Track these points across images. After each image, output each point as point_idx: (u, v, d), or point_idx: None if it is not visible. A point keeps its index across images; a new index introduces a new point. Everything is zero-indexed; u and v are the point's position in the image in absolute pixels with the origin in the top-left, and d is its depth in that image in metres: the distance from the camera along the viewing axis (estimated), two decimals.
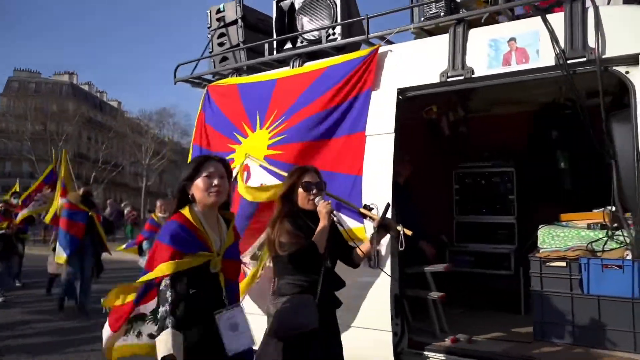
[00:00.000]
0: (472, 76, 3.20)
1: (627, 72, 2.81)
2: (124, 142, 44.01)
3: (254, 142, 3.90)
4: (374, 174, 3.36)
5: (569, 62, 2.91)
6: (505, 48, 3.12)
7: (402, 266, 3.49)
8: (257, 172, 3.76)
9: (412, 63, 3.44)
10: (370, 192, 3.32)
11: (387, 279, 3.22)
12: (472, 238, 4.76)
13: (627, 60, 2.80)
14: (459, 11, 3.42)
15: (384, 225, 2.85)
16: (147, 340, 2.38)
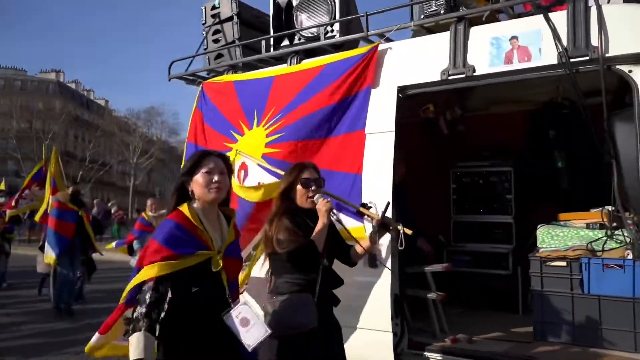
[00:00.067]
0: (473, 74, 3.17)
1: (630, 70, 2.80)
2: (112, 141, 43.60)
3: (251, 140, 3.84)
4: (374, 173, 3.32)
5: (571, 60, 2.90)
6: (507, 46, 3.10)
7: (402, 266, 3.46)
8: (254, 171, 3.70)
9: (413, 61, 3.41)
10: (370, 191, 3.28)
11: (387, 279, 3.20)
12: (470, 238, 4.74)
13: (630, 59, 2.79)
14: (459, 9, 3.40)
15: (384, 224, 2.82)
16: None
